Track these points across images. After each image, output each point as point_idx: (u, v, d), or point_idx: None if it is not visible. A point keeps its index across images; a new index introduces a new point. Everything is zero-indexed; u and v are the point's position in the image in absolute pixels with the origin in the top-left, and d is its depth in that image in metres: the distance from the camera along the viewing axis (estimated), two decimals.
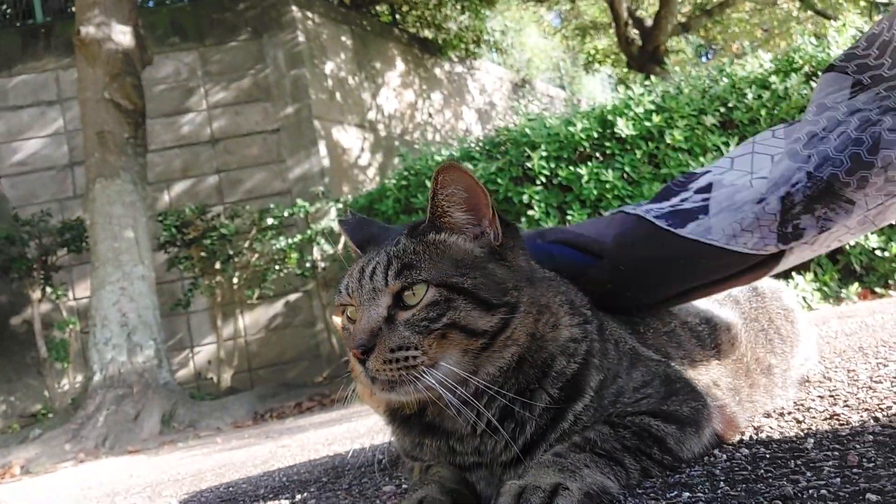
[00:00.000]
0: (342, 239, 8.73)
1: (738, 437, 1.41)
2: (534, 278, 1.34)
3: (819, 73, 5.41)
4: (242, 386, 8.87)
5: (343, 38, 11.11)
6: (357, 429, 3.73)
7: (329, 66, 10.59)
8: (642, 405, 1.28)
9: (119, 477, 3.87)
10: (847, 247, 5.20)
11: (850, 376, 1.83)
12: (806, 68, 5.50)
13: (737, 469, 1.16)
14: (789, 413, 1.55)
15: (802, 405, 1.60)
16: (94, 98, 7.29)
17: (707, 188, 1.50)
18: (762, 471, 1.12)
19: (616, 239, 1.54)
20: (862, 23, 5.96)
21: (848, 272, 5.32)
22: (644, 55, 12.31)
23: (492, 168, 5.88)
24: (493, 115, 13.82)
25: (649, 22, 12.49)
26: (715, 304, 1.71)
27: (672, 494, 1.09)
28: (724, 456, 1.26)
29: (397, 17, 13.33)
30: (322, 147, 9.89)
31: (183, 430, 6.60)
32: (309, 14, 10.47)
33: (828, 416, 1.45)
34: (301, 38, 10.14)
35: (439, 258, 1.27)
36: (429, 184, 1.29)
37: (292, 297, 9.61)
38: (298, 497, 1.89)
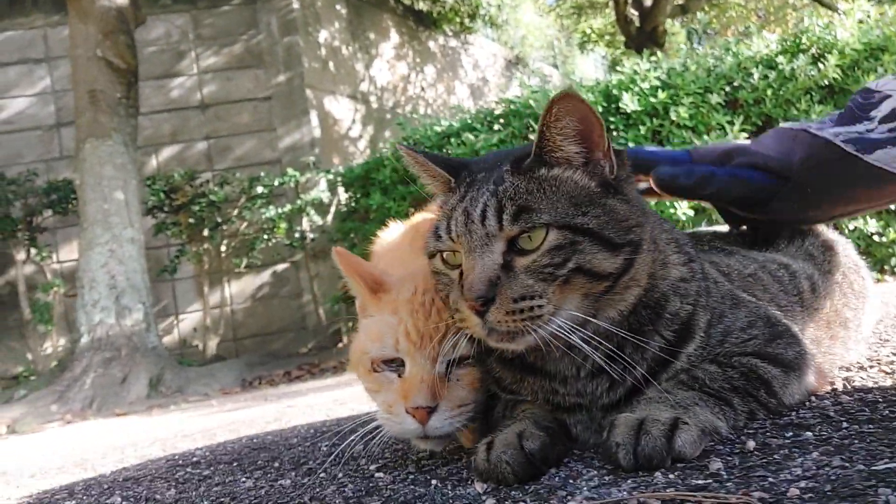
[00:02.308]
0: (332, 209, 8.61)
1: (829, 388, 1.36)
2: (647, 212, 1.27)
3: (826, 56, 5.39)
4: (227, 354, 8.76)
5: (338, 7, 10.91)
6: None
7: (323, 35, 10.40)
8: (748, 346, 1.23)
9: (115, 436, 3.77)
10: (846, 231, 5.20)
11: None
12: (813, 50, 5.46)
13: (852, 411, 1.12)
14: (870, 367, 1.50)
15: (880, 360, 1.56)
16: (86, 55, 7.08)
17: (891, 116, 1.55)
18: (886, 412, 1.07)
19: (803, 161, 1.62)
20: (869, 7, 5.91)
21: None
22: (642, 35, 12.26)
23: (493, 139, 5.80)
24: (486, 91, 13.69)
25: (648, 2, 12.43)
26: (788, 257, 1.66)
27: (789, 434, 1.04)
28: (829, 402, 1.22)
29: None
30: (313, 117, 9.72)
31: (170, 395, 6.50)
32: None
33: None
34: (295, 5, 9.93)
35: (555, 197, 1.16)
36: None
37: (280, 267, 9.46)
38: (337, 441, 1.82)
